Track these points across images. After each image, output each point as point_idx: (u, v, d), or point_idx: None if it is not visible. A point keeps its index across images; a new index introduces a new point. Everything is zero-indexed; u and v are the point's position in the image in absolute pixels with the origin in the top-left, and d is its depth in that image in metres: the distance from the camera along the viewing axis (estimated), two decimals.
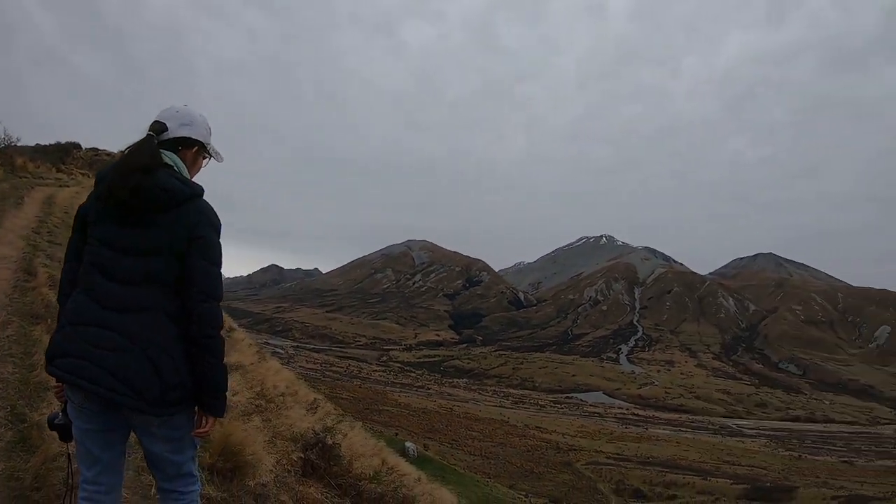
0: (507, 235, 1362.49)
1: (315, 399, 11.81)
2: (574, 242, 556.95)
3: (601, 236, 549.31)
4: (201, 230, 3.21)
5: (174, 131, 3.39)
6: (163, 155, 3.27)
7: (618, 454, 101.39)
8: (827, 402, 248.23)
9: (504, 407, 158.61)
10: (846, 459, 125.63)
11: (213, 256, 3.28)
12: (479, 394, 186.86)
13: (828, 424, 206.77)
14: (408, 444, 43.33)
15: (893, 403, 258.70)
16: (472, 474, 48.90)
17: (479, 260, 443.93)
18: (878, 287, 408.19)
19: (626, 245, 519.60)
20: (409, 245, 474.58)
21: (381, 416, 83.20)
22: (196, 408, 3.31)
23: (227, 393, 3.16)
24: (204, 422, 3.31)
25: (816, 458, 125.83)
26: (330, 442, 7.01)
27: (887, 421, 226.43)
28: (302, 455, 6.74)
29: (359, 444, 9.74)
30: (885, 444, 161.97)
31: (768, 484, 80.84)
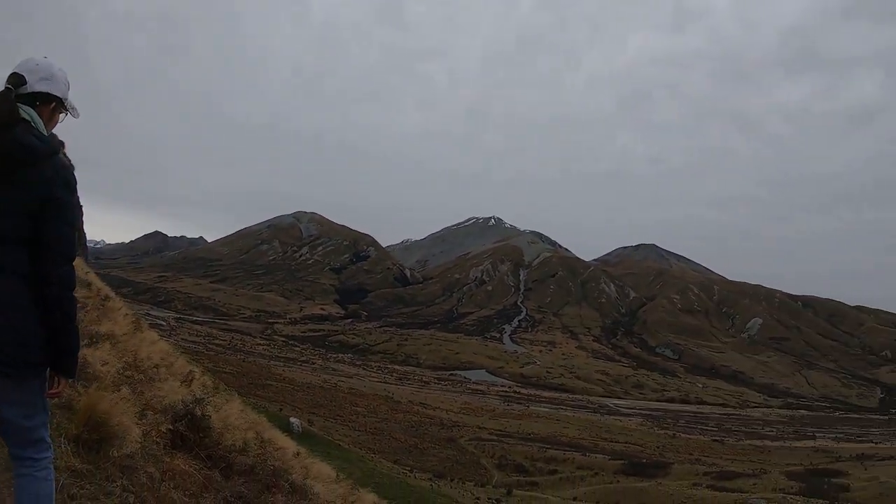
0: (396, 211, 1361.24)
1: (190, 371, 11.58)
2: (463, 222, 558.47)
3: (490, 218, 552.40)
4: (58, 190, 3.11)
5: (33, 85, 3.26)
6: (20, 110, 3.14)
7: (500, 430, 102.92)
8: (700, 386, 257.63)
9: (388, 383, 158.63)
10: (717, 438, 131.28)
11: (69, 217, 3.17)
12: (364, 369, 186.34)
13: (701, 406, 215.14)
14: (293, 419, 43.02)
15: (762, 388, 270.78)
16: (356, 450, 48.90)
17: (368, 235, 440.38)
18: (752, 282, 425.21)
19: (513, 228, 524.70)
20: (297, 217, 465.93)
21: (266, 391, 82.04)
22: (48, 370, 3.25)
23: (79, 355, 3.20)
24: (56, 383, 3.27)
25: (690, 436, 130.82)
26: (199, 413, 6.89)
27: (756, 404, 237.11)
28: (171, 427, 6.62)
29: (234, 417, 9.61)
30: (753, 426, 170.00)
31: (644, 460, 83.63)
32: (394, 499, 22.30)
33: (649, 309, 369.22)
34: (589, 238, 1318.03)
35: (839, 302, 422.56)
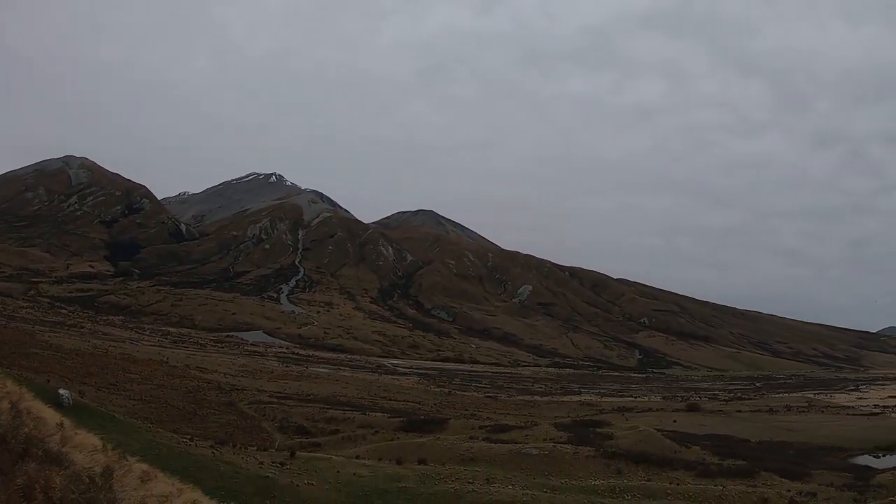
0: (175, 162, 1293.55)
1: None
2: (243, 177, 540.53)
3: (271, 174, 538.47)
4: None
5: None
6: None
7: (280, 393, 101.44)
8: (474, 346, 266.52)
9: (163, 347, 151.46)
10: (490, 395, 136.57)
11: None
12: (137, 332, 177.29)
13: (475, 365, 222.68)
14: (62, 391, 40.03)
15: (531, 349, 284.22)
16: (133, 421, 46.15)
17: (142, 185, 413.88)
18: (524, 252, 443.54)
19: (294, 186, 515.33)
20: (66, 161, 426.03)
21: (30, 360, 75.98)
22: None
23: None
24: None
25: (465, 393, 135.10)
26: None
27: (525, 363, 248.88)
28: None
29: None
30: (523, 383, 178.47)
31: (423, 416, 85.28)
32: (175, 470, 20.92)
33: (426, 273, 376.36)
34: (370, 201, 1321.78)
35: (603, 274, 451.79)
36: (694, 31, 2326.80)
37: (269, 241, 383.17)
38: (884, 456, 76.69)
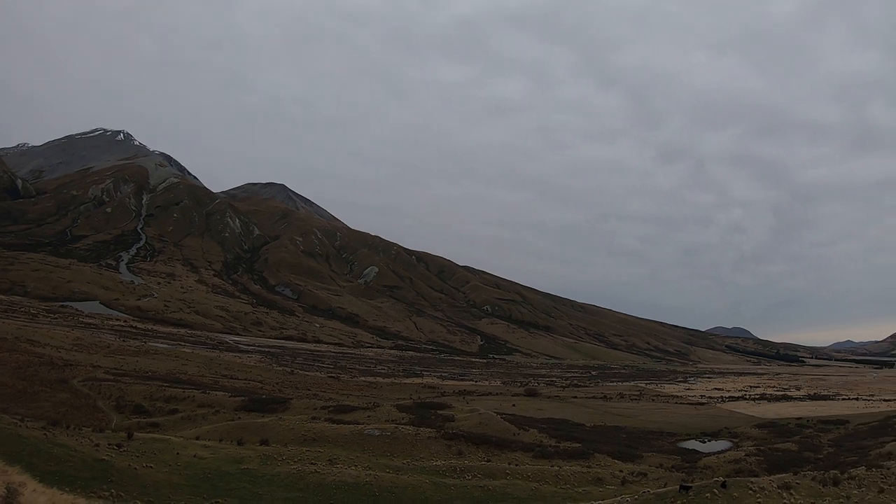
0: (14, 109, 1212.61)
1: None
2: (89, 133, 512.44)
3: (119, 132, 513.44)
4: None
5: None
6: None
7: (117, 369, 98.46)
8: (317, 326, 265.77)
9: None
10: (333, 375, 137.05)
11: None
12: None
13: (318, 344, 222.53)
14: None
15: (374, 330, 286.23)
16: None
17: None
18: (373, 233, 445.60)
19: (142, 146, 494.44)
20: None
21: None
22: None
23: None
24: None
25: (307, 373, 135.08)
26: None
27: (369, 344, 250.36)
28: None
29: None
30: (367, 364, 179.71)
31: (264, 396, 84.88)
32: (5, 454, 20.16)
33: (272, 248, 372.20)
34: (221, 169, 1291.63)
35: (450, 260, 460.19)
36: (564, 37, 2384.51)
37: (112, 203, 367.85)
38: (709, 441, 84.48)
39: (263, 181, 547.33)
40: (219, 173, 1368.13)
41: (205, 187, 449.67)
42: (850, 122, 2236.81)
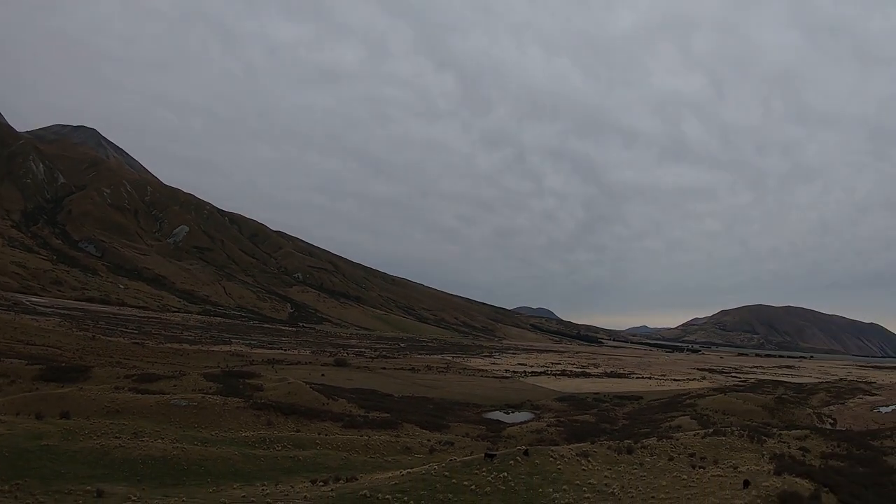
0: None
1: None
2: None
3: None
4: None
5: None
6: None
7: None
8: (122, 287, 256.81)
9: None
10: (138, 341, 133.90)
11: None
12: None
13: (122, 308, 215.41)
14: None
15: (182, 294, 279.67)
16: None
17: None
18: (186, 190, 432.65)
19: None
20: None
21: None
22: None
23: None
24: None
25: (110, 338, 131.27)
26: None
27: (176, 309, 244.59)
28: None
29: None
30: (173, 329, 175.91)
31: (64, 364, 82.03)
32: None
33: (78, 199, 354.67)
34: (27, 104, 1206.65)
35: (263, 224, 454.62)
36: (405, 12, 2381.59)
37: None
38: (512, 412, 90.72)
39: (74, 123, 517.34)
40: (24, 109, 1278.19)
41: (8, 125, 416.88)
42: (664, 133, 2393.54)
